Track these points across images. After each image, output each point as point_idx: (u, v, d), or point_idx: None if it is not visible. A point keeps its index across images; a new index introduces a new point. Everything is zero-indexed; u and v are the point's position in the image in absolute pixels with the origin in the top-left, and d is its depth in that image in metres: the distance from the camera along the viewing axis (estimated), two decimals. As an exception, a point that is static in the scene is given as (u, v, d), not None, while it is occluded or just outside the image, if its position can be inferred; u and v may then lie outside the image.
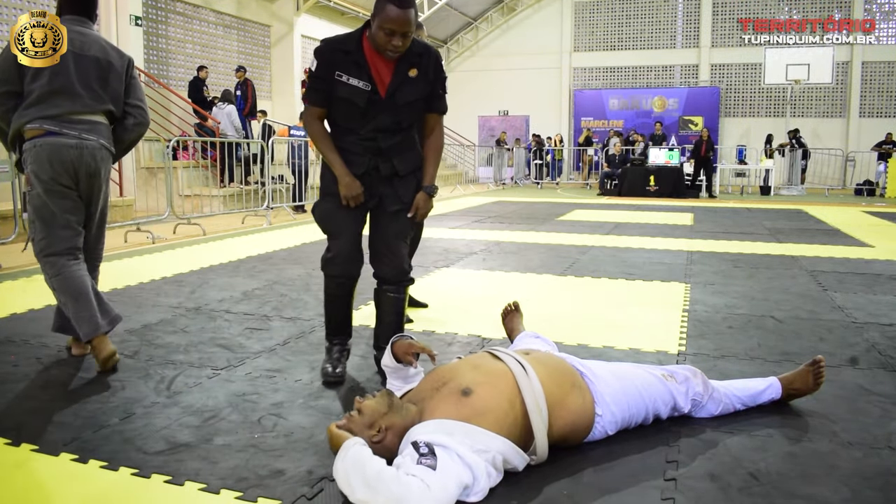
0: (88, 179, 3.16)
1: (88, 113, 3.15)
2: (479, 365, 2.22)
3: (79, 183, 3.14)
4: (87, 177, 3.15)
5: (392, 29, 2.61)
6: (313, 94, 2.82)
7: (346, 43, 2.76)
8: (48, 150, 3.04)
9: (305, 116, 2.89)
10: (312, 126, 2.86)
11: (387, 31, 2.61)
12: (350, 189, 2.80)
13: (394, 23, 2.59)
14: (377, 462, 1.87)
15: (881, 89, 19.92)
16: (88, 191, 3.19)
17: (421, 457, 1.87)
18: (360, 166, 2.83)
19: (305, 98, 2.88)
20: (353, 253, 2.90)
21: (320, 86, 2.78)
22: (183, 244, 7.22)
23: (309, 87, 2.84)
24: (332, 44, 2.77)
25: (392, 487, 1.78)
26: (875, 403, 2.76)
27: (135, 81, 3.39)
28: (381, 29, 2.62)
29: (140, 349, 3.42)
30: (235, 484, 2.05)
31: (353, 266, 2.92)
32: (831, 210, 12.27)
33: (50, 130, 3.04)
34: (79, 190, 3.15)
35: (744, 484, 2.08)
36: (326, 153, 2.83)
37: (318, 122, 2.86)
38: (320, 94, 2.80)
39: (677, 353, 3.46)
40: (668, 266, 6.03)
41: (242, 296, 4.66)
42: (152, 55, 12.51)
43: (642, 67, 21.88)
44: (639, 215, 10.84)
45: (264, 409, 2.65)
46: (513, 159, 20.46)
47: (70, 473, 2.13)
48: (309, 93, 2.84)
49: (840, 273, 5.72)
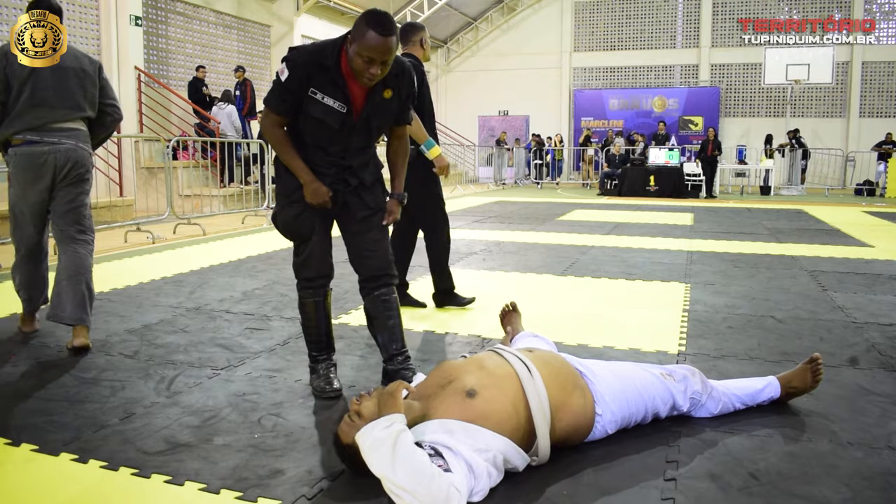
0: (66, 175, 3.51)
1: (68, 121, 3.51)
2: (485, 365, 2.22)
3: (55, 178, 3.49)
4: (63, 173, 3.50)
5: (371, 57, 2.46)
6: (279, 103, 2.63)
7: (324, 56, 2.58)
8: (24, 158, 3.44)
9: (264, 121, 2.69)
10: (272, 132, 2.69)
11: (365, 58, 2.47)
12: (317, 195, 2.69)
13: (373, 51, 2.45)
14: (424, 456, 1.84)
15: (881, 89, 19.92)
16: (63, 184, 3.52)
17: (430, 458, 1.87)
18: (327, 177, 2.74)
19: (267, 102, 2.66)
20: (325, 254, 2.84)
21: (289, 97, 2.61)
22: (183, 244, 7.22)
23: (275, 94, 2.64)
24: (307, 55, 2.59)
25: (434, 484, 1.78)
26: (875, 403, 2.76)
27: (106, 83, 3.72)
28: (360, 56, 2.47)
29: (140, 349, 3.42)
30: (235, 484, 2.05)
31: (326, 266, 2.86)
32: (831, 210, 12.27)
33: (30, 140, 3.43)
34: (54, 185, 3.51)
35: (744, 484, 2.08)
36: (290, 160, 2.69)
37: (279, 129, 2.69)
38: (287, 105, 2.63)
39: (677, 353, 3.46)
40: (668, 266, 6.03)
41: (242, 296, 4.66)
42: (152, 55, 12.51)
43: (642, 67, 21.88)
44: (639, 215, 10.84)
45: (264, 409, 2.65)
46: (513, 159, 20.47)
47: (70, 473, 2.13)
48: (274, 99, 2.64)
49: (840, 273, 5.72)
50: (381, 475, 1.82)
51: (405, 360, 2.89)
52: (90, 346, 3.40)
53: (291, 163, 2.70)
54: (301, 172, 2.70)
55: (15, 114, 3.41)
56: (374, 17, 2.49)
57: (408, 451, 1.83)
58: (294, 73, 2.57)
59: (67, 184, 3.53)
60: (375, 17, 2.49)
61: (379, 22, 2.47)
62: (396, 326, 2.89)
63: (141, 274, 5.41)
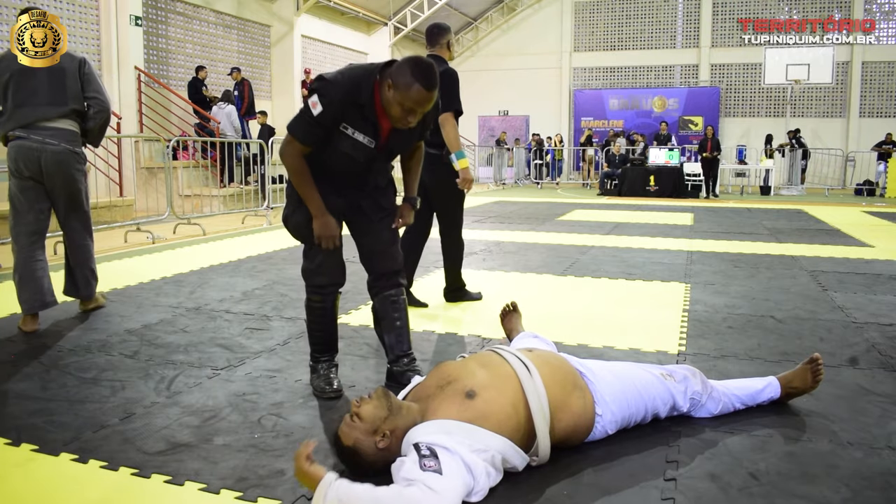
0: (51, 177, 3.83)
1: (53, 119, 3.81)
2: (485, 365, 2.22)
3: (44, 177, 3.83)
4: (50, 175, 3.82)
5: (412, 108, 2.45)
6: (308, 135, 2.58)
7: (359, 94, 2.52)
8: (15, 150, 3.79)
9: (287, 148, 2.63)
10: (294, 161, 2.62)
11: (406, 108, 2.45)
12: (326, 229, 2.68)
13: (416, 104, 2.44)
14: (365, 490, 1.81)
15: (881, 89, 19.92)
16: (51, 184, 3.86)
17: (423, 458, 1.87)
18: (344, 187, 2.77)
19: (293, 131, 2.60)
20: (339, 262, 2.83)
21: (318, 131, 2.57)
22: (183, 244, 7.22)
23: (302, 125, 2.58)
24: (343, 92, 2.51)
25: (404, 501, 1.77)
26: (875, 403, 2.76)
27: (89, 76, 3.94)
28: (400, 105, 2.45)
29: (140, 349, 3.43)
30: (235, 484, 2.05)
31: (339, 273, 2.84)
32: (831, 210, 12.27)
33: (19, 136, 3.78)
34: (44, 183, 3.85)
35: (744, 484, 2.08)
36: (305, 190, 2.65)
37: (300, 158, 2.62)
38: (314, 136, 2.58)
39: (677, 353, 3.46)
40: (668, 266, 6.03)
41: (242, 296, 4.66)
42: (152, 55, 12.51)
43: (642, 67, 21.88)
44: (639, 215, 10.84)
45: (264, 409, 2.65)
46: (513, 159, 20.46)
47: (70, 473, 2.13)
48: (301, 130, 2.58)
49: (840, 273, 5.72)
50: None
51: (411, 362, 2.89)
52: (103, 304, 4.26)
53: (306, 194, 2.66)
54: (314, 206, 2.67)
55: (6, 116, 3.80)
56: (420, 70, 2.43)
57: (347, 499, 1.79)
58: (328, 111, 2.52)
59: (57, 183, 3.85)
60: (421, 69, 2.43)
61: (425, 76, 2.42)
62: (404, 328, 2.89)
63: (141, 274, 5.41)
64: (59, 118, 3.82)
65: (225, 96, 11.96)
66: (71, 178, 3.88)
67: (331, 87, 2.52)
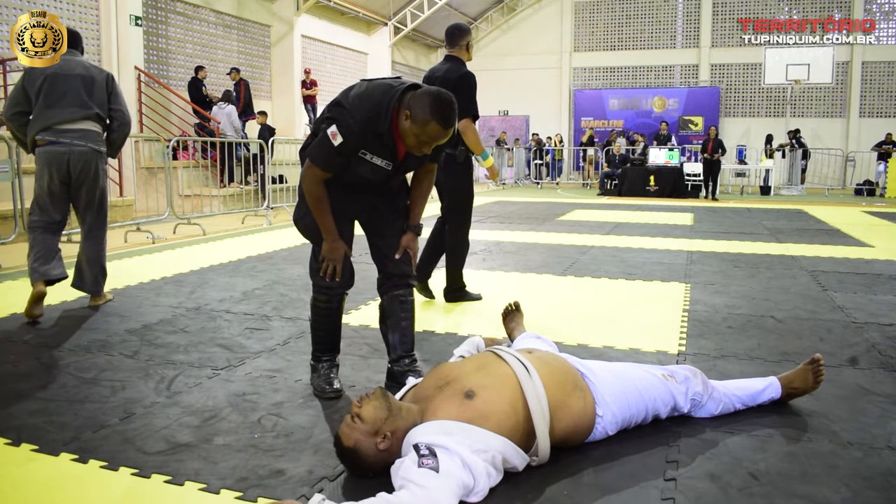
0: (79, 175, 4.15)
1: (78, 121, 4.12)
2: (483, 366, 2.22)
3: (71, 178, 4.14)
4: (77, 174, 4.14)
5: (428, 142, 2.50)
6: (329, 164, 2.58)
7: (379, 122, 2.51)
8: (45, 157, 4.09)
9: (307, 173, 2.64)
10: (314, 187, 2.63)
11: (422, 140, 2.49)
12: (334, 252, 2.72)
13: (432, 139, 2.49)
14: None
15: (881, 89, 19.93)
16: (77, 183, 4.17)
17: (421, 458, 1.87)
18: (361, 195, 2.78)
19: (314, 159, 2.60)
20: (348, 265, 2.82)
21: (340, 160, 2.57)
22: (183, 244, 7.22)
23: (323, 153, 2.56)
24: (363, 122, 2.50)
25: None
26: (875, 403, 2.76)
27: (115, 92, 4.32)
28: (417, 137, 2.48)
29: (140, 349, 3.43)
30: (235, 484, 2.05)
31: (348, 275, 2.83)
32: (831, 210, 12.27)
33: (49, 141, 4.07)
34: (70, 184, 4.16)
35: (744, 484, 2.08)
36: (321, 216, 2.67)
37: (321, 185, 2.63)
38: (337, 166, 2.59)
39: (677, 352, 3.46)
40: (668, 266, 6.03)
41: (242, 296, 4.66)
42: (152, 55, 12.50)
43: (642, 67, 21.89)
44: (639, 215, 10.84)
45: (264, 409, 2.65)
46: (513, 159, 20.46)
47: (70, 473, 2.13)
48: (322, 158, 2.58)
49: (840, 273, 5.72)
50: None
51: (412, 362, 2.89)
52: (110, 299, 4.45)
53: (321, 220, 2.68)
54: (326, 230, 2.70)
55: (34, 118, 4.09)
56: (439, 107, 2.43)
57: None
58: (349, 141, 2.52)
59: (83, 182, 4.17)
60: (440, 106, 2.43)
61: (443, 114, 2.43)
62: (409, 328, 2.89)
63: (141, 274, 5.41)
64: (84, 120, 4.14)
65: (225, 96, 11.96)
66: (96, 176, 4.22)
67: (349, 118, 2.50)
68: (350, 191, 2.74)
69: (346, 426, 2.04)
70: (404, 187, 2.91)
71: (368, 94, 2.55)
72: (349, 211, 2.79)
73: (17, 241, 6.40)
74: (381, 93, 2.53)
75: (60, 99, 4.07)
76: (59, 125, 4.06)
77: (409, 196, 2.91)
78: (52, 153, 4.06)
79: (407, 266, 2.86)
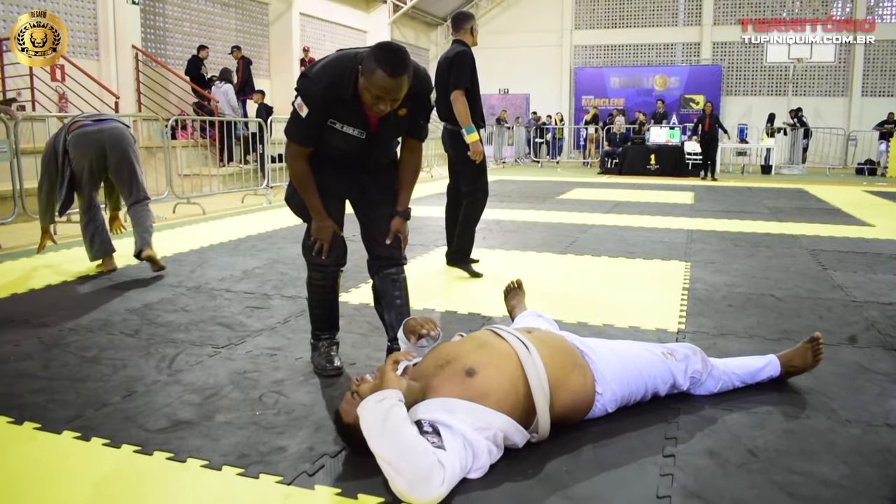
0: (113, 151, 4.54)
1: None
2: (483, 344, 2.22)
3: (107, 154, 4.55)
4: (112, 149, 4.54)
5: (380, 95, 2.39)
6: (304, 137, 2.60)
7: (341, 88, 2.49)
8: (77, 138, 4.48)
9: (289, 152, 2.65)
10: (296, 164, 2.65)
11: (374, 95, 2.40)
12: (322, 231, 2.73)
13: (381, 90, 2.37)
14: (410, 431, 1.85)
15: (884, 68, 19.77)
16: (114, 158, 4.57)
17: (425, 435, 1.88)
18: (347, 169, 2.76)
19: (290, 135, 2.63)
20: (341, 242, 2.82)
21: (311, 131, 2.58)
22: (182, 223, 7.21)
23: (296, 127, 2.59)
24: (324, 88, 2.49)
25: (416, 461, 1.78)
26: (874, 381, 2.77)
27: None
28: (368, 91, 2.40)
29: (141, 328, 3.43)
30: (237, 461, 2.06)
31: (341, 254, 2.84)
32: (832, 189, 12.24)
33: (81, 124, 4.53)
34: (108, 158, 4.57)
35: (742, 460, 2.09)
36: (307, 195, 2.68)
37: (303, 161, 2.64)
38: (311, 137, 2.60)
39: (677, 331, 3.47)
40: (668, 245, 6.02)
41: (242, 274, 4.66)
42: (150, 34, 12.41)
43: (644, 45, 21.71)
44: (639, 194, 10.82)
45: (265, 387, 2.66)
46: (513, 138, 20.38)
47: (73, 451, 2.14)
48: (296, 133, 2.61)
49: (840, 252, 5.72)
50: (371, 446, 1.85)
51: None
52: (155, 256, 4.63)
53: (308, 199, 2.69)
54: (314, 210, 2.71)
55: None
56: (385, 56, 2.36)
57: (396, 425, 1.84)
58: (313, 108, 2.52)
59: (121, 157, 4.57)
60: (386, 55, 2.36)
61: (388, 61, 2.35)
62: (404, 306, 2.88)
63: (141, 253, 5.40)
64: None
65: (223, 75, 11.88)
66: (130, 148, 4.63)
67: (311, 86, 2.51)
68: (335, 167, 2.73)
69: (346, 403, 2.05)
70: (393, 167, 2.88)
71: (332, 61, 2.55)
72: (336, 189, 2.77)
73: (16, 222, 6.39)
74: (345, 59, 2.53)
75: None
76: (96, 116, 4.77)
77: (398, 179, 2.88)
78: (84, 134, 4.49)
79: (396, 249, 2.85)
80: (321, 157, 2.69)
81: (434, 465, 1.79)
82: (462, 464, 1.88)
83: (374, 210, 2.83)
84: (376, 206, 2.83)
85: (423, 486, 1.76)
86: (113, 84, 10.72)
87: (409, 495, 1.77)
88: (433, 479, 1.77)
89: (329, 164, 2.72)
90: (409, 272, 2.95)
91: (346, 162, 2.74)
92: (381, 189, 2.82)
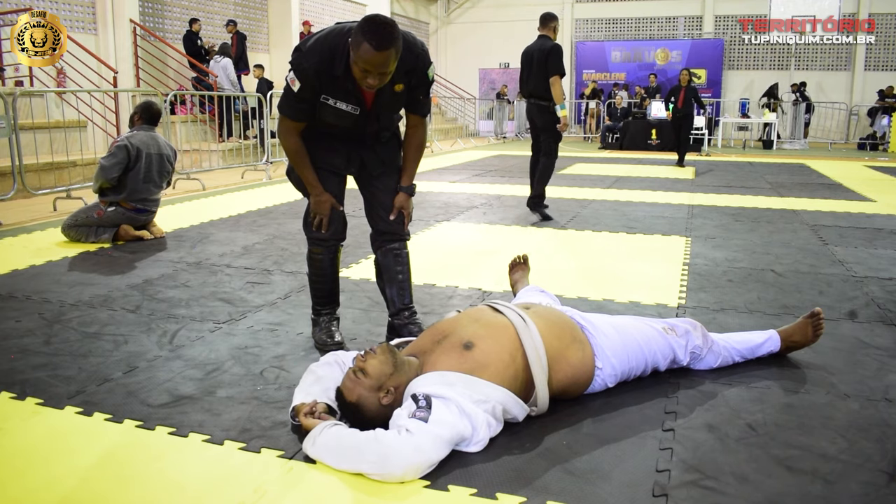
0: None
1: None
2: (480, 318, 2.23)
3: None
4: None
5: (367, 69, 2.34)
6: (296, 112, 2.59)
7: (333, 64, 2.47)
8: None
9: (281, 128, 2.66)
10: (289, 140, 2.64)
11: (361, 69, 2.35)
12: (320, 206, 2.73)
13: (368, 63, 2.32)
14: (349, 434, 1.90)
15: (888, 42, 19.59)
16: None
17: (417, 409, 1.89)
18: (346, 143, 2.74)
19: (283, 111, 2.62)
20: (340, 217, 2.82)
21: (303, 105, 2.57)
22: (182, 199, 7.20)
23: (289, 103, 2.58)
24: (317, 62, 2.47)
25: (373, 447, 1.82)
26: (873, 356, 2.78)
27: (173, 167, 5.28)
28: (356, 65, 2.36)
29: (142, 304, 3.44)
30: (239, 435, 2.07)
31: (341, 227, 2.83)
32: (834, 164, 12.20)
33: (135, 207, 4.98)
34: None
35: (741, 434, 2.11)
36: (302, 170, 2.68)
37: (295, 136, 2.64)
38: (303, 112, 2.59)
39: (677, 306, 3.48)
40: (668, 220, 6.02)
41: (243, 250, 4.66)
42: (147, 8, 12.28)
43: (645, 19, 21.49)
44: (640, 169, 10.79)
45: (266, 362, 2.67)
46: (514, 112, 20.27)
47: (75, 426, 2.16)
48: (288, 108, 2.60)
49: (841, 227, 5.71)
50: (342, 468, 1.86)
51: (412, 315, 2.89)
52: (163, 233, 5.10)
53: (303, 174, 2.70)
54: (310, 185, 2.71)
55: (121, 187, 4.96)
56: (371, 29, 2.31)
57: (328, 442, 1.89)
58: (306, 84, 2.50)
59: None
60: (372, 28, 2.31)
61: (375, 34, 2.30)
62: (406, 281, 2.89)
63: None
64: None
65: (222, 49, 11.78)
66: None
67: (304, 61, 2.49)
68: (332, 142, 2.72)
69: (349, 380, 2.05)
70: (394, 141, 2.86)
71: (325, 36, 2.53)
72: (334, 164, 2.76)
73: (15, 198, 6.38)
74: (337, 34, 2.50)
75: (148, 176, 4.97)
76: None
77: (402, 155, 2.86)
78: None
79: (399, 225, 2.85)
80: (318, 133, 2.68)
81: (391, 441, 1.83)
82: (454, 432, 1.89)
83: (375, 184, 2.82)
84: (376, 180, 2.82)
85: (394, 461, 1.80)
86: (111, 59, 10.62)
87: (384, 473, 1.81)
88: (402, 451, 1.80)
89: (326, 140, 2.71)
90: (411, 247, 2.95)
91: (343, 137, 2.72)
92: (382, 163, 2.80)
